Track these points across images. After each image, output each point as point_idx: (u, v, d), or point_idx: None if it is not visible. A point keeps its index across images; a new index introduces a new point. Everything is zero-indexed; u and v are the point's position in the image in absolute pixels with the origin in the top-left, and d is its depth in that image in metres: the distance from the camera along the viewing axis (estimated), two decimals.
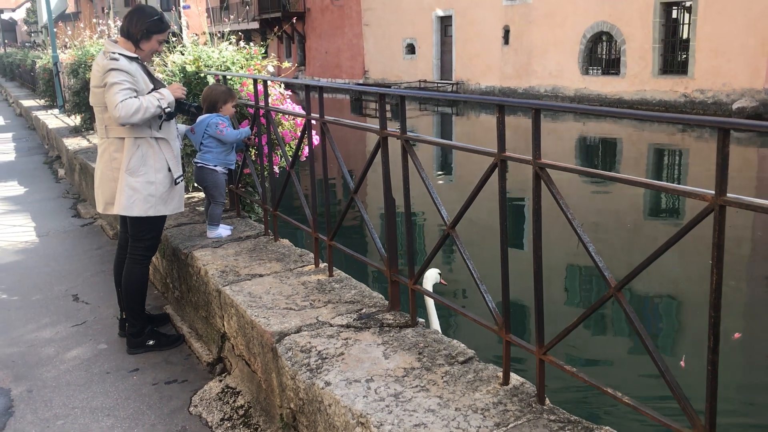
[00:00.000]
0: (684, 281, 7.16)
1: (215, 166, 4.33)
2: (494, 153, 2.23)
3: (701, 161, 14.37)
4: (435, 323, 4.41)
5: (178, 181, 3.77)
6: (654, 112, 18.28)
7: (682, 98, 20.02)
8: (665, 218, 10.23)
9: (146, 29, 3.67)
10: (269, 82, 4.29)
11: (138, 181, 3.61)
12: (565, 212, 1.95)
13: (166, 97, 3.63)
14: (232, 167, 4.59)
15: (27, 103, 17.58)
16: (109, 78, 3.46)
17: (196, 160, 4.35)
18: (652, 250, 1.71)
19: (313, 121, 3.54)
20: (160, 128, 3.67)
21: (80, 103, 9.92)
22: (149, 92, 3.61)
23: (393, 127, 2.84)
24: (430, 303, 4.47)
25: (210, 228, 4.38)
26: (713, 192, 1.55)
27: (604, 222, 9.70)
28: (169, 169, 3.72)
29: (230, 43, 5.37)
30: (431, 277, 4.74)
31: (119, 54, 3.54)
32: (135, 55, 3.63)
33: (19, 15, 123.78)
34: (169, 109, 3.64)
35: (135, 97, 3.48)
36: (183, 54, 5.21)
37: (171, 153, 3.74)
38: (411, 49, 30.65)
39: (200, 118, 4.27)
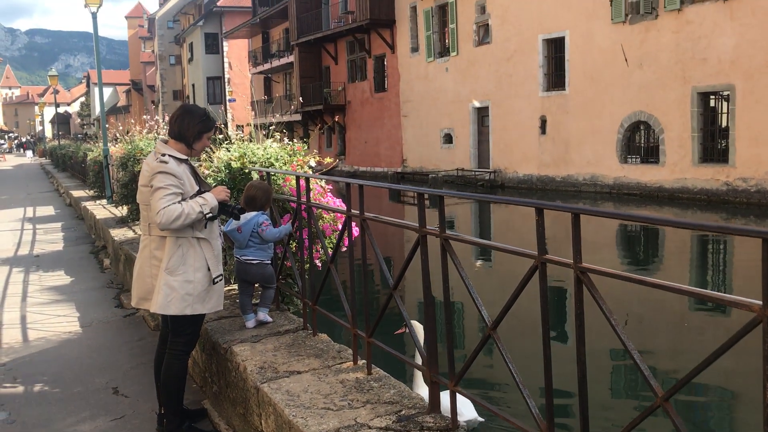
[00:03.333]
0: (736, 384, 6.86)
1: (268, 261, 4.47)
2: (535, 255, 2.23)
3: (748, 252, 14.05)
4: (421, 389, 4.27)
5: (216, 280, 3.81)
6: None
7: (724, 187, 19.81)
8: (713, 308, 9.94)
9: (198, 131, 3.81)
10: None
11: (176, 280, 3.67)
12: (609, 318, 1.93)
13: (209, 202, 3.71)
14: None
15: (77, 193, 18.20)
16: (156, 181, 3.58)
17: (246, 258, 4.43)
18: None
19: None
20: (205, 227, 3.76)
21: (128, 194, 10.25)
22: (195, 194, 3.71)
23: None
24: (418, 375, 4.32)
25: (261, 310, 4.49)
26: (760, 303, 1.52)
27: (649, 312, 9.45)
28: (209, 269, 3.77)
29: (274, 140, 5.55)
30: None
31: (169, 156, 3.67)
32: (185, 157, 3.76)
33: (74, 108, 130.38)
34: (210, 215, 3.72)
35: (179, 202, 3.58)
36: (229, 150, 5.40)
37: (211, 252, 3.80)
38: (448, 138, 31.15)
39: (248, 216, 4.38)
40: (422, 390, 4.30)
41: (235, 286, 5.63)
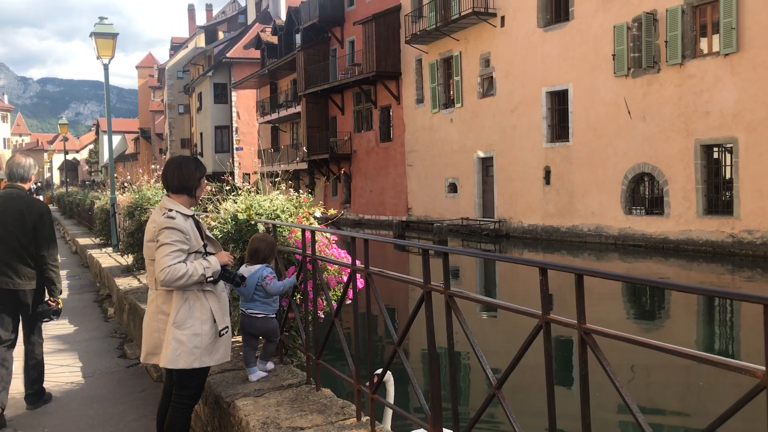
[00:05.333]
0: None
1: (273, 315, 4.49)
2: (539, 315, 2.23)
3: (754, 306, 13.96)
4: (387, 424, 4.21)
5: (222, 333, 3.81)
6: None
7: (730, 239, 19.79)
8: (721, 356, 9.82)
9: (198, 178, 3.86)
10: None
11: (184, 334, 3.67)
12: (613, 380, 1.93)
13: (213, 266, 3.73)
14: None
15: (83, 241, 18.25)
16: (162, 237, 3.60)
17: (252, 312, 4.45)
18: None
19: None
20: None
21: (134, 243, 10.29)
22: (201, 247, 3.73)
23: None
24: (388, 412, 4.27)
25: (261, 361, 4.53)
26: (764, 369, 1.52)
27: (654, 366, 9.35)
28: (215, 321, 3.77)
29: (280, 192, 5.60)
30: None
31: (176, 211, 3.69)
32: (190, 213, 3.79)
33: (83, 155, 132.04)
34: (211, 279, 3.73)
35: (184, 261, 3.60)
36: (236, 202, 5.44)
37: (217, 304, 3.81)
38: (453, 188, 31.34)
39: (252, 269, 4.41)
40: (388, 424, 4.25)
41: (239, 338, 5.61)
